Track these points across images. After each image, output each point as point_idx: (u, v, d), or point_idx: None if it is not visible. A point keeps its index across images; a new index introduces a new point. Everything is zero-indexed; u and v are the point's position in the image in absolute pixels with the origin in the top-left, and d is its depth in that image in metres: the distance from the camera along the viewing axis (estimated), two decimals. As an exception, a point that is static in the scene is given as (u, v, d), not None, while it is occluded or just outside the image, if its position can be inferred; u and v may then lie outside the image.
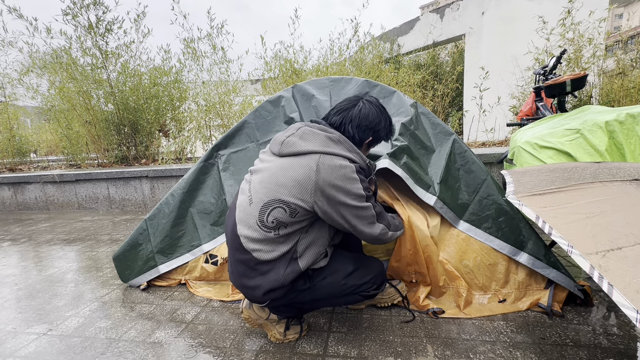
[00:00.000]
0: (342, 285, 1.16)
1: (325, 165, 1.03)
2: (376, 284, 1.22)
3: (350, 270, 1.18)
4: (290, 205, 1.03)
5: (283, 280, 1.07)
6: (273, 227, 1.05)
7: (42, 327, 1.46)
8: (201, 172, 1.87)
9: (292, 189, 1.02)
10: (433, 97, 5.62)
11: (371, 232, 1.12)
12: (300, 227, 1.08)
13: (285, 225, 1.05)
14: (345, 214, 1.06)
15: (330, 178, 1.02)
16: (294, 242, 1.08)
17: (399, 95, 1.76)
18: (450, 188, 1.58)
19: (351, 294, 1.18)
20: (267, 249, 1.06)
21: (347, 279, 1.17)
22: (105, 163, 5.55)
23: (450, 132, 1.65)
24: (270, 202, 1.04)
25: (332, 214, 1.06)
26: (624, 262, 0.73)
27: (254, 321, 1.24)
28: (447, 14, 8.50)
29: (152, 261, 1.78)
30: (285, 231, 1.06)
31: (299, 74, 5.13)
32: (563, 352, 1.11)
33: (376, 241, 1.17)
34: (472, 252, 1.48)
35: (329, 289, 1.16)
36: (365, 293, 1.20)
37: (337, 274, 1.16)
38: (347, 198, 1.04)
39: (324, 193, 1.02)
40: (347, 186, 1.03)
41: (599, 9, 4.58)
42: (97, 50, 5.10)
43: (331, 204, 1.04)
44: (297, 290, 1.14)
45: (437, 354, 1.14)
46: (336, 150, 1.07)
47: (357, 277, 1.18)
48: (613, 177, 1.06)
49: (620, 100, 4.08)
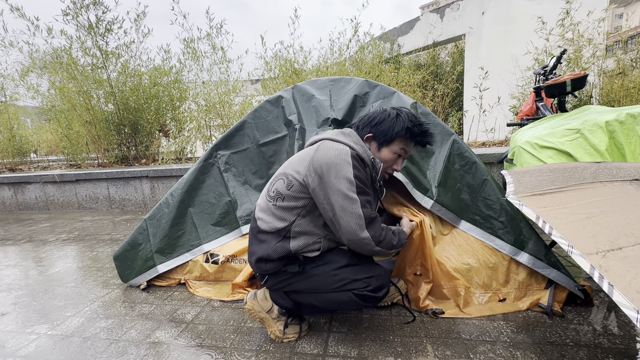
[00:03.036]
0: (333, 276, 1.14)
1: (324, 146, 1.12)
2: (372, 286, 1.13)
3: (344, 264, 1.16)
4: (288, 177, 1.15)
5: (272, 252, 1.13)
6: (273, 197, 1.17)
7: (42, 327, 1.46)
8: (201, 172, 1.87)
9: (294, 164, 1.16)
10: (433, 97, 5.62)
11: (353, 232, 1.07)
12: (296, 206, 1.14)
13: (283, 198, 1.14)
14: (332, 199, 1.06)
15: (325, 156, 1.09)
16: (289, 222, 1.14)
17: (398, 96, 1.76)
18: (450, 189, 1.58)
19: (342, 289, 1.13)
20: (267, 219, 1.17)
21: (339, 270, 1.15)
22: (105, 163, 5.55)
23: (451, 132, 1.64)
24: (277, 175, 1.20)
25: (319, 194, 1.09)
26: (624, 262, 0.73)
27: (256, 313, 1.27)
28: (447, 14, 8.51)
29: (151, 261, 1.78)
30: (282, 204, 1.14)
31: (299, 74, 5.13)
32: (563, 352, 1.11)
33: (356, 246, 1.11)
34: (472, 252, 1.48)
35: (319, 279, 1.16)
36: (357, 292, 1.13)
37: (329, 264, 1.17)
38: (335, 179, 1.06)
39: (316, 170, 1.09)
40: (337, 166, 1.07)
41: (598, 9, 4.58)
42: (97, 50, 5.10)
43: (321, 183, 1.08)
44: (289, 273, 1.17)
45: (437, 354, 1.14)
46: (341, 139, 1.15)
47: (350, 271, 1.15)
48: (613, 177, 1.06)
49: (621, 100, 4.08)
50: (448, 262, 1.46)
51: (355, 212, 1.06)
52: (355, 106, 1.79)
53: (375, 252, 1.14)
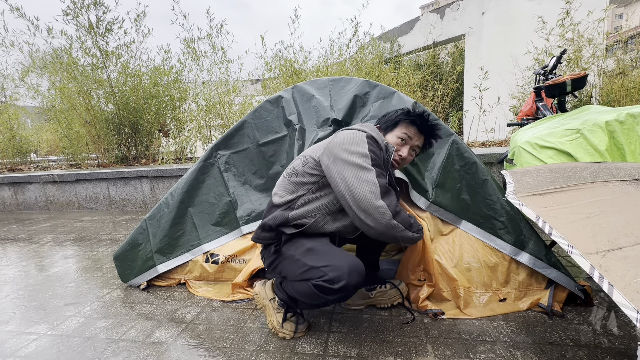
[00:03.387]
0: (297, 262, 1.13)
1: (342, 132, 1.20)
2: (327, 276, 1.04)
3: (308, 247, 1.14)
4: (305, 157, 1.24)
5: (272, 219, 1.20)
6: (289, 174, 1.26)
7: (42, 327, 1.46)
8: (201, 172, 1.87)
9: (314, 148, 1.26)
10: (433, 97, 5.62)
11: (368, 200, 1.03)
12: (307, 182, 1.20)
13: (297, 174, 1.22)
14: (345, 172, 1.08)
15: (342, 140, 1.15)
16: (297, 195, 1.20)
17: (399, 96, 1.76)
18: (450, 189, 1.58)
19: (303, 277, 1.11)
20: (281, 194, 1.25)
21: (302, 254, 1.13)
22: (105, 163, 5.55)
23: (450, 132, 1.64)
24: (296, 157, 1.31)
25: (333, 170, 1.11)
26: (624, 262, 0.73)
27: (261, 299, 1.33)
28: (447, 14, 8.51)
29: (151, 261, 1.78)
30: (295, 179, 1.22)
31: (299, 74, 5.13)
32: (563, 352, 1.11)
33: (372, 218, 1.04)
34: (473, 252, 1.48)
35: (288, 263, 1.18)
36: (314, 281, 1.07)
37: (298, 248, 1.16)
38: (349, 155, 1.10)
39: (332, 150, 1.14)
40: (352, 144, 1.12)
41: (598, 9, 4.58)
42: (98, 50, 5.10)
43: (335, 160, 1.11)
44: (276, 247, 1.22)
45: (437, 354, 1.14)
46: (357, 127, 1.23)
47: (310, 258, 1.11)
48: (613, 177, 1.06)
49: (621, 100, 4.08)
50: (448, 262, 1.46)
51: (370, 180, 1.05)
52: (355, 106, 1.79)
53: (393, 228, 1.06)
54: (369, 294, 1.44)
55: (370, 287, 1.45)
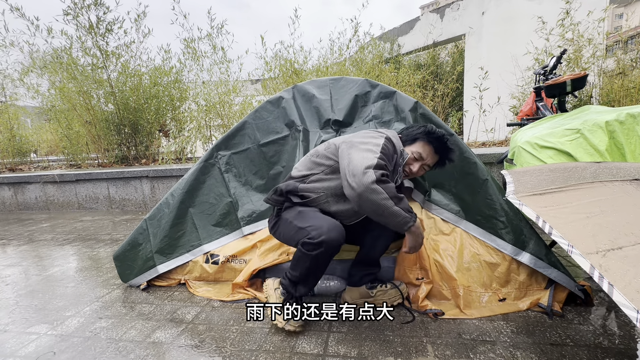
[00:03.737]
0: (289, 224, 1.28)
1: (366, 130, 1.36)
2: (310, 234, 1.15)
3: (299, 211, 1.29)
4: (329, 143, 1.36)
5: (285, 186, 1.33)
6: (312, 154, 1.39)
7: (42, 327, 1.46)
8: (201, 172, 1.87)
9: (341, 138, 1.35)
10: (433, 97, 5.62)
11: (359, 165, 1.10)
12: (323, 163, 1.31)
13: (318, 155, 1.35)
14: (352, 151, 1.19)
15: (363, 134, 1.30)
16: (312, 172, 1.33)
17: (399, 95, 1.76)
18: (450, 190, 1.58)
19: (294, 238, 1.25)
20: (300, 168, 1.38)
21: (294, 218, 1.27)
22: (105, 163, 5.55)
23: (450, 133, 1.64)
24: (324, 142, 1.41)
25: (345, 152, 1.22)
26: (624, 262, 0.73)
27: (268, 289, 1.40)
28: (447, 14, 8.51)
29: (151, 261, 1.78)
30: (314, 159, 1.35)
31: (299, 74, 5.13)
32: (563, 352, 1.11)
33: (357, 180, 1.07)
34: (473, 251, 1.48)
35: (284, 225, 1.32)
36: (303, 240, 1.17)
37: (292, 213, 1.30)
38: (363, 144, 1.21)
39: (352, 140, 1.26)
40: (370, 138, 1.25)
41: (598, 9, 4.58)
42: (98, 50, 5.11)
43: (350, 143, 1.24)
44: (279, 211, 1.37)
45: (437, 354, 1.14)
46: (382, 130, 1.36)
47: (299, 220, 1.25)
48: (613, 177, 1.06)
49: (621, 100, 4.08)
50: (449, 262, 1.46)
51: (370, 157, 1.14)
52: (356, 106, 1.79)
53: (374, 192, 1.06)
54: (370, 292, 1.44)
55: (371, 286, 1.45)
